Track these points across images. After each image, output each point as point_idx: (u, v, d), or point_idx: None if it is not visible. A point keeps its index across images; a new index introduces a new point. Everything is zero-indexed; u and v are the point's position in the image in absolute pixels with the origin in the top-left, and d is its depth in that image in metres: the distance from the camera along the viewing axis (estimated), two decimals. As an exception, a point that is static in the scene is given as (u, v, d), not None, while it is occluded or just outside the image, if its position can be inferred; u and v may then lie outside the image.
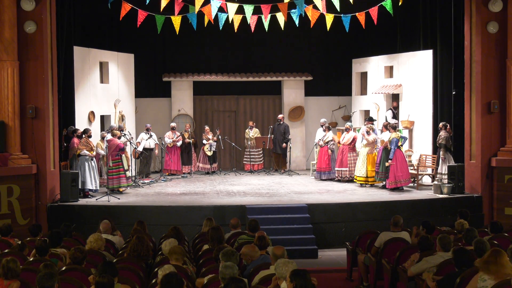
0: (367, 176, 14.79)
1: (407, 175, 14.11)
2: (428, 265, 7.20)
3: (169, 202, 13.09)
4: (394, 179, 13.99)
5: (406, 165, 14.15)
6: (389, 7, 13.04)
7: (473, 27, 13.46)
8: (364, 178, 14.82)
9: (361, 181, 14.88)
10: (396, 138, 13.92)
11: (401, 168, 13.97)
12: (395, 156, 13.87)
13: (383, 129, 14.58)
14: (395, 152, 13.88)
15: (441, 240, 7.38)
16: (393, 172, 13.95)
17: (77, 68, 15.02)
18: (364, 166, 14.82)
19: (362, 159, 14.85)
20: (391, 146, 13.94)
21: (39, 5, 12.52)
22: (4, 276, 6.01)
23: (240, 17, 13.09)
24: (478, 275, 6.01)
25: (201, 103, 19.31)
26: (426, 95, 15.65)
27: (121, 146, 14.13)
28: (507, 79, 13.19)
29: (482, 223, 12.82)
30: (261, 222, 9.58)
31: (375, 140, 14.75)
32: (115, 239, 9.19)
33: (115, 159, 14.10)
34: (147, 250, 7.72)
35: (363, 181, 14.85)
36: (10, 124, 12.36)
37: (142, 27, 13.49)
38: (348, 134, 15.69)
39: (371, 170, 14.72)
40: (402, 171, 13.97)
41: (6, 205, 12.08)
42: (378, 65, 17.29)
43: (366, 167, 14.78)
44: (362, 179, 14.85)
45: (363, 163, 14.81)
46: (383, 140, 14.29)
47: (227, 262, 6.22)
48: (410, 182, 14.31)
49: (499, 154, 13.36)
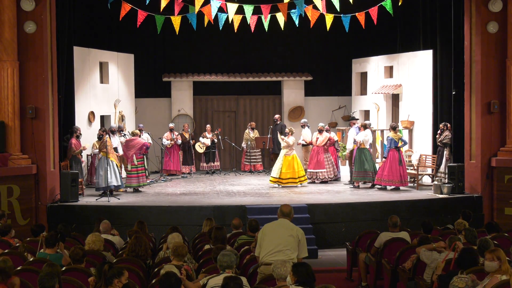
0: (279, 177, 14.72)
1: (396, 177, 14.10)
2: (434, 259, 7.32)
3: (169, 202, 13.09)
4: (381, 176, 14.17)
5: (397, 167, 14.08)
6: (389, 7, 13.04)
7: (473, 27, 13.46)
8: (276, 179, 14.78)
9: (272, 181, 14.86)
10: (392, 138, 14.05)
11: (389, 168, 14.05)
12: (388, 156, 14.04)
13: (361, 129, 14.73)
14: (389, 152, 14.02)
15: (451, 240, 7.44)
16: (382, 170, 14.14)
17: (77, 68, 15.02)
18: (279, 166, 14.76)
19: (279, 160, 14.84)
20: (387, 145, 14.16)
21: (39, 5, 12.51)
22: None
23: (240, 17, 13.09)
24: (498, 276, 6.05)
25: (201, 103, 19.31)
26: (426, 95, 15.65)
27: (147, 145, 14.57)
28: (507, 79, 13.18)
29: (482, 223, 12.77)
30: (261, 222, 9.53)
31: (294, 143, 14.82)
32: (115, 239, 9.19)
33: (139, 158, 14.47)
34: (145, 250, 7.73)
35: (275, 181, 14.81)
36: (10, 124, 12.35)
37: (142, 27, 13.49)
38: (322, 135, 15.63)
39: (286, 172, 14.68)
40: (390, 172, 14.05)
41: (6, 205, 12.07)
42: (378, 65, 17.29)
43: (281, 168, 14.72)
44: (274, 179, 14.81)
45: (279, 164, 14.77)
46: (359, 140, 14.48)
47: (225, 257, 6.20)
48: (399, 185, 14.21)
49: (499, 154, 13.35)
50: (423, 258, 7.47)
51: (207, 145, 17.66)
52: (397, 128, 14.38)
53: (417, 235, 8.51)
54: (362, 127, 14.76)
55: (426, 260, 7.43)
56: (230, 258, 6.16)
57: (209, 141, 17.66)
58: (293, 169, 14.80)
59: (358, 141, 14.58)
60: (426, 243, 7.73)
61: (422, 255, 7.49)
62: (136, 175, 14.45)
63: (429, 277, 7.29)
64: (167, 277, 5.50)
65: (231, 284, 5.38)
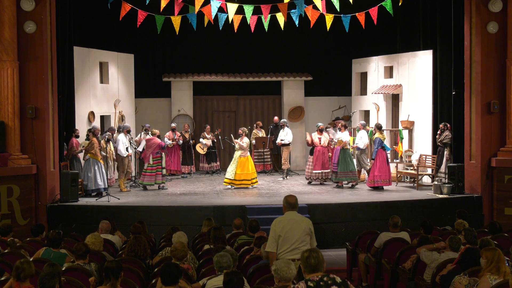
0: (234, 178, 14.69)
1: (386, 176, 14.23)
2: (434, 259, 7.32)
3: (169, 202, 13.09)
4: (373, 178, 14.21)
5: (386, 166, 14.22)
6: (389, 7, 13.04)
7: (473, 27, 13.46)
8: (230, 180, 14.76)
9: (226, 183, 14.82)
10: (379, 138, 14.15)
11: (380, 168, 14.14)
12: (377, 156, 14.12)
13: (342, 129, 14.81)
14: (377, 152, 14.11)
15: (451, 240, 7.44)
16: (373, 171, 14.22)
17: (77, 68, 15.01)
18: (233, 168, 14.74)
19: (234, 161, 14.81)
20: (374, 145, 14.24)
21: (39, 5, 12.51)
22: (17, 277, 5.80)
23: (240, 17, 13.09)
24: (487, 276, 6.05)
25: (201, 103, 19.31)
26: (426, 95, 15.65)
27: (162, 145, 14.88)
28: (507, 79, 13.18)
29: (482, 223, 12.81)
30: (261, 222, 9.58)
31: (248, 145, 14.83)
32: (115, 239, 9.20)
33: (155, 157, 14.79)
34: (144, 250, 7.76)
35: (229, 182, 14.78)
36: (10, 124, 12.35)
37: (142, 27, 13.50)
38: (323, 135, 15.50)
39: (240, 173, 14.66)
40: (381, 171, 14.14)
41: (6, 205, 12.07)
42: (378, 65, 17.28)
43: (235, 169, 14.70)
44: (228, 180, 14.79)
45: (234, 166, 14.76)
46: (341, 140, 14.55)
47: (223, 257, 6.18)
48: (390, 184, 14.37)
49: (499, 154, 13.35)
50: (423, 258, 7.48)
51: (209, 145, 17.65)
52: (382, 128, 14.59)
53: (417, 235, 8.52)
54: (343, 127, 14.90)
55: (426, 261, 7.44)
56: (228, 259, 6.14)
57: (210, 142, 17.65)
58: (247, 171, 14.79)
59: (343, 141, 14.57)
60: (426, 243, 7.74)
61: (422, 255, 7.50)
62: (150, 174, 14.75)
63: (429, 277, 7.30)
64: (167, 267, 5.50)
65: (235, 279, 5.37)
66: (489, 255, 6.13)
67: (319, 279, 5.05)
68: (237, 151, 14.97)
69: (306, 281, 5.04)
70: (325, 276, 5.09)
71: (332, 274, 5.13)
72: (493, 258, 6.10)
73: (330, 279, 5.06)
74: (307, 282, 5.02)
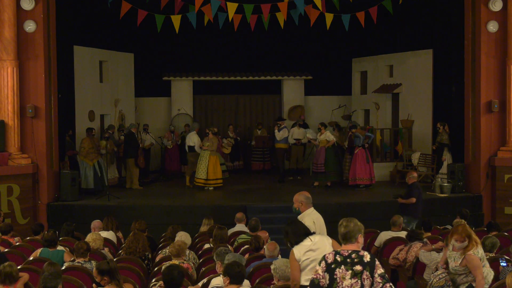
0: (207, 178, 14.30)
1: (366, 175, 14.18)
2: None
3: (169, 202, 13.08)
4: (354, 176, 14.19)
5: (365, 165, 14.17)
6: (389, 6, 13.03)
7: (473, 26, 13.44)
8: (204, 181, 14.35)
9: (200, 184, 14.35)
10: (359, 135, 14.17)
11: (359, 167, 14.14)
12: (356, 155, 14.12)
13: (322, 130, 14.58)
14: (357, 152, 14.11)
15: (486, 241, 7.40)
16: (353, 170, 14.22)
17: (77, 67, 15.01)
18: (205, 168, 14.26)
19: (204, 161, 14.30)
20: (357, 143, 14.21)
21: (39, 5, 12.50)
22: (2, 282, 5.82)
23: (240, 17, 13.08)
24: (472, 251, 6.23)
25: (201, 103, 19.29)
26: (426, 95, 15.64)
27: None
28: (507, 78, 13.17)
29: (482, 222, 12.80)
30: (262, 221, 9.57)
31: (215, 144, 14.48)
32: (109, 235, 9.24)
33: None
34: (142, 247, 7.79)
35: (203, 183, 14.33)
36: (10, 123, 12.35)
37: (142, 26, 13.47)
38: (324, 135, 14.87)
39: (211, 173, 14.30)
40: (361, 170, 14.13)
41: (6, 204, 12.07)
42: (378, 64, 17.27)
43: (207, 168, 14.27)
44: (202, 181, 14.33)
45: (205, 165, 14.26)
46: (326, 140, 14.41)
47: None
48: (370, 182, 14.27)
49: (499, 153, 13.34)
50: (422, 259, 7.48)
51: (232, 144, 17.49)
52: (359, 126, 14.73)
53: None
54: (323, 126, 14.64)
55: (425, 261, 7.44)
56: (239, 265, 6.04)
57: (233, 141, 17.53)
58: (217, 169, 14.44)
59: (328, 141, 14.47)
60: (415, 237, 7.81)
61: (421, 256, 7.50)
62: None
63: (429, 277, 7.29)
64: (170, 270, 5.51)
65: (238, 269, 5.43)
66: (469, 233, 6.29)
67: (348, 255, 4.69)
68: (204, 151, 14.41)
69: (335, 254, 4.72)
70: (355, 252, 4.70)
71: (363, 251, 4.74)
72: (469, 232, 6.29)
73: (358, 256, 4.66)
74: (335, 255, 4.70)
